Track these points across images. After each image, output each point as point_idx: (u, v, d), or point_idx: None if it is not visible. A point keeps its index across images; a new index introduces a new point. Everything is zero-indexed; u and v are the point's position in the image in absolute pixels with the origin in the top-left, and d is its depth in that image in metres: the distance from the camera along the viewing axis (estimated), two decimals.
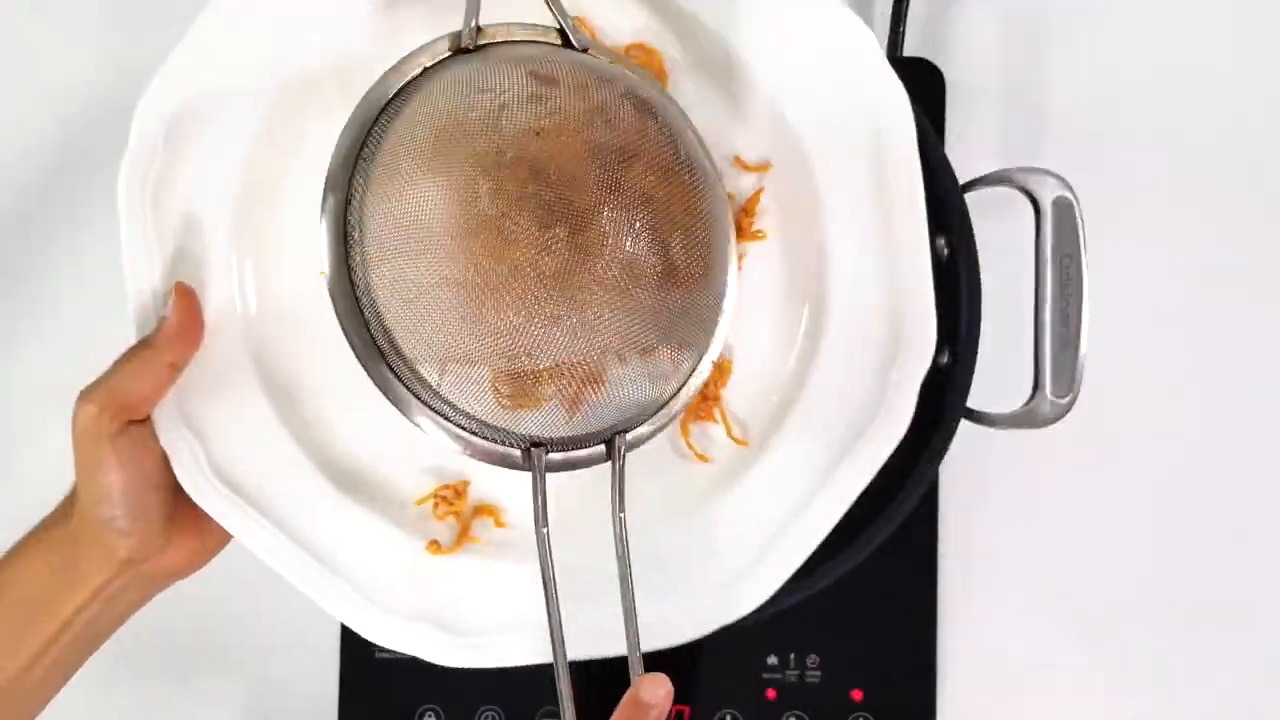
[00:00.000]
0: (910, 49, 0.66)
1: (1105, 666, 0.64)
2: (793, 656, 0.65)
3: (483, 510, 0.53)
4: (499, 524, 0.53)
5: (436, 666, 0.51)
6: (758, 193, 0.54)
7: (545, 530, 0.44)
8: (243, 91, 0.51)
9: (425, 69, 0.46)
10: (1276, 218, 0.65)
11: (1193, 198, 0.65)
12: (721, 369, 0.53)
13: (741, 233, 0.53)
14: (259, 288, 0.52)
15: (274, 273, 0.53)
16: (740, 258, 0.53)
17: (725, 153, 0.54)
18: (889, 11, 0.64)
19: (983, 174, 0.54)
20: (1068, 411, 0.52)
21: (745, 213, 0.54)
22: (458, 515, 0.53)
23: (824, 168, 0.52)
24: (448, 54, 0.46)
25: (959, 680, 0.64)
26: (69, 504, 0.50)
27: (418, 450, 0.53)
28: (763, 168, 0.54)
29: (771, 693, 0.65)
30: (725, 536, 0.52)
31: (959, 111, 0.67)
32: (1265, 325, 0.65)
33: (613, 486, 0.46)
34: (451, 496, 0.53)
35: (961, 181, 0.54)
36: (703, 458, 0.53)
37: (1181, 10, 0.66)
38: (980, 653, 0.65)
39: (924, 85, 0.65)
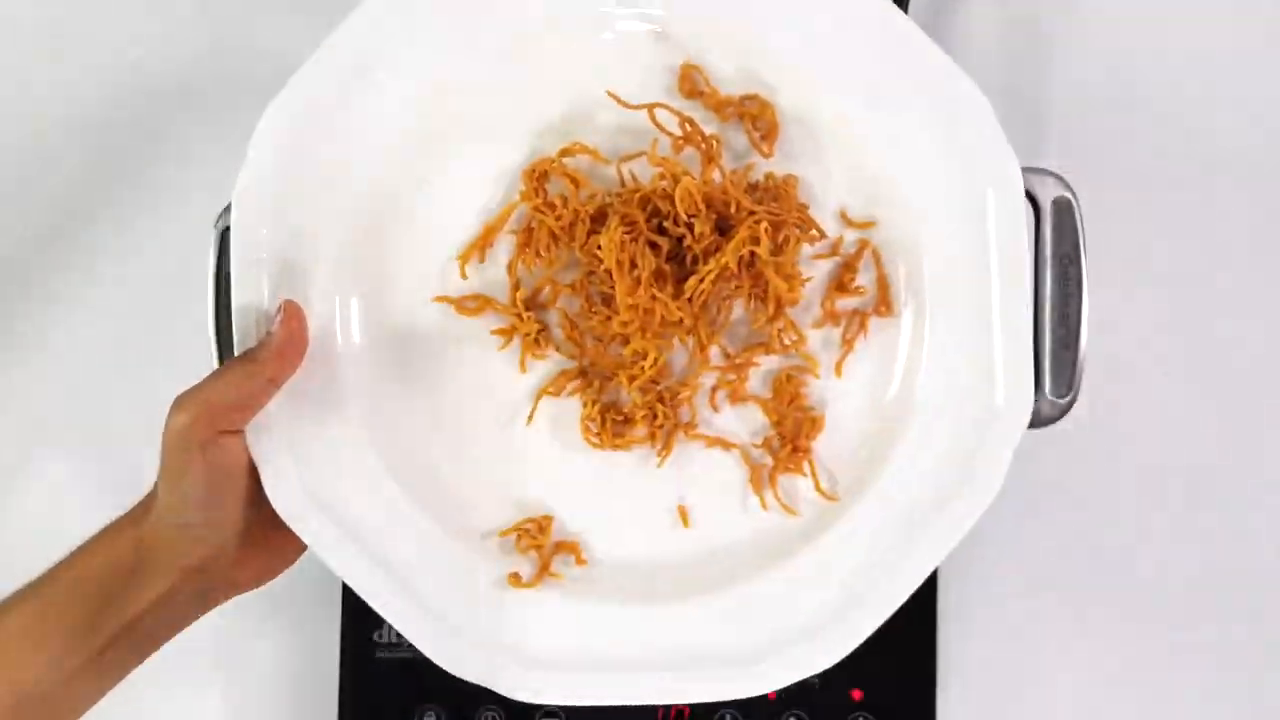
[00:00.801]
0: None
1: (1105, 666, 0.64)
2: None
3: (564, 546, 0.53)
4: (580, 561, 0.53)
5: (436, 666, 0.50)
6: (861, 248, 0.53)
7: None
8: (371, 115, 0.51)
9: None
10: (1277, 217, 0.65)
11: (1193, 197, 0.65)
12: (814, 422, 0.53)
13: (842, 288, 0.53)
14: (363, 312, 0.53)
15: (380, 299, 0.53)
16: (837, 314, 0.53)
17: (832, 207, 0.53)
18: None
19: None
20: (1067, 411, 0.52)
21: (847, 268, 0.53)
22: (539, 550, 0.52)
23: (928, 228, 0.52)
24: None
25: (959, 680, 0.64)
26: (145, 505, 0.49)
27: (503, 482, 0.53)
28: (868, 224, 0.53)
29: (771, 693, 0.63)
30: (806, 591, 0.51)
31: None
32: (1266, 325, 0.65)
33: None
34: (535, 531, 0.52)
35: None
36: (790, 510, 0.53)
37: (1182, 10, 0.66)
38: (980, 653, 0.64)
39: None
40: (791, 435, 0.53)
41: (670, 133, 0.53)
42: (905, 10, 0.62)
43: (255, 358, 0.49)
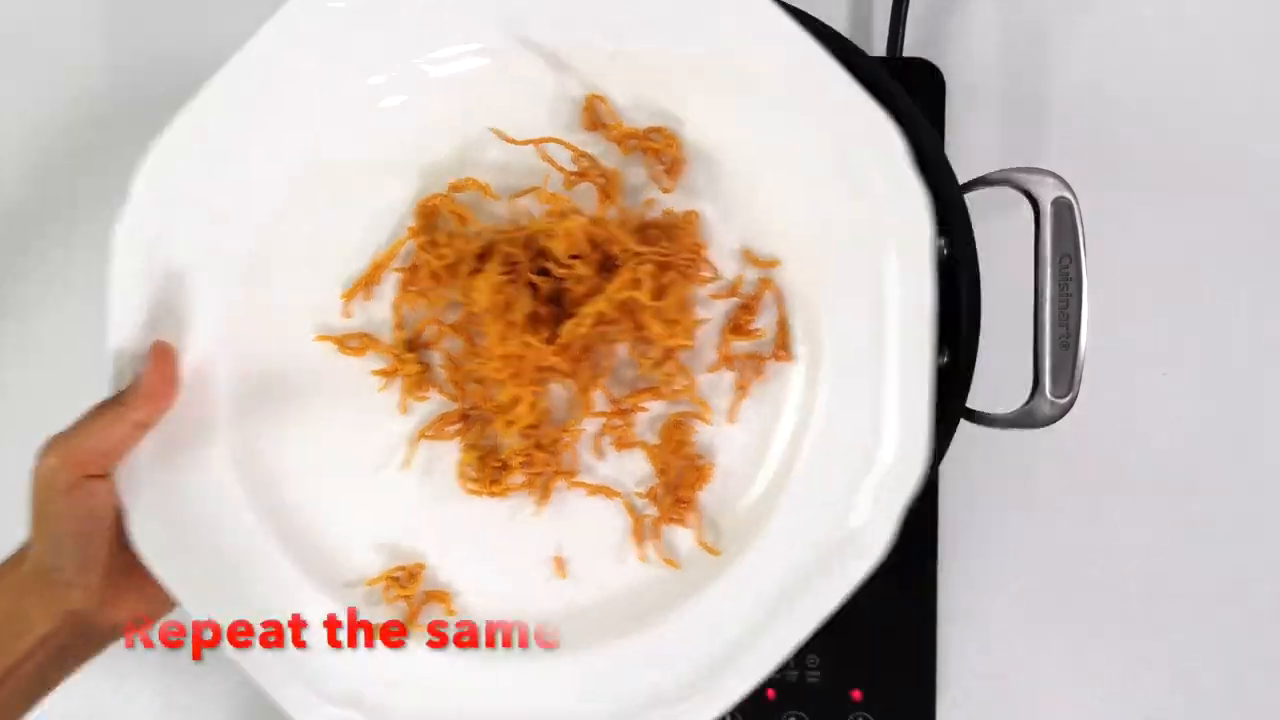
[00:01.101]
0: (910, 49, 0.65)
1: (1105, 666, 0.63)
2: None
3: (435, 596, 0.51)
4: (449, 611, 0.51)
5: None
6: (761, 289, 0.51)
7: None
8: (259, 153, 0.51)
9: None
10: (1277, 217, 0.64)
11: (1192, 198, 0.64)
12: (700, 471, 0.51)
13: (739, 329, 0.51)
14: (241, 352, 0.51)
15: (259, 338, 0.51)
16: (732, 358, 0.51)
17: (734, 245, 0.51)
18: (889, 11, 0.63)
19: (982, 174, 0.53)
20: (1067, 411, 0.52)
21: (745, 309, 0.51)
22: (408, 599, 0.51)
23: (833, 270, 0.50)
24: None
25: (959, 680, 0.63)
26: (21, 551, 0.49)
27: (376, 528, 0.52)
28: (772, 264, 0.51)
29: (771, 692, 0.62)
30: (684, 649, 0.49)
31: (959, 111, 0.65)
32: (1265, 325, 0.64)
33: None
34: (405, 579, 0.51)
35: (961, 181, 0.53)
36: (671, 563, 0.51)
37: (1182, 10, 0.66)
38: (980, 653, 0.63)
39: (924, 85, 0.64)
40: (675, 485, 0.50)
41: (561, 168, 0.51)
42: (904, 12, 0.62)
43: (123, 401, 0.48)
